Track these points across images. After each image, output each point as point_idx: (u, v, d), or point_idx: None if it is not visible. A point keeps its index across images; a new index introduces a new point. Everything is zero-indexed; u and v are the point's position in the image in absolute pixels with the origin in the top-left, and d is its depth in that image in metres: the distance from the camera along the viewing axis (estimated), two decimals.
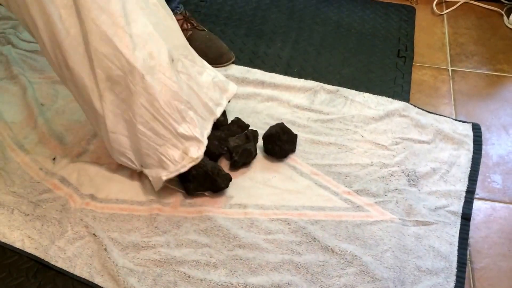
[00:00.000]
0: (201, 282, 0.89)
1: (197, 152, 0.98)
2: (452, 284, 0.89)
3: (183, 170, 0.98)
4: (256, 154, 1.12)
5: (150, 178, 1.01)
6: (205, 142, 1.01)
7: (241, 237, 0.96)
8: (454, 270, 0.90)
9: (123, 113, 0.96)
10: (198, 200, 1.03)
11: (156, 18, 0.98)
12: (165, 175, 0.98)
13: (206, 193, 1.04)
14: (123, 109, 0.96)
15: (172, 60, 0.99)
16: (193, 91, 1.04)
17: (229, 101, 1.15)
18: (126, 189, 1.06)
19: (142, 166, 1.02)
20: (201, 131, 1.01)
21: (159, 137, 0.97)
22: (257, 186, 1.06)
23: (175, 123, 0.97)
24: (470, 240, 0.98)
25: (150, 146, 0.98)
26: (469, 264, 0.94)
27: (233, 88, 1.17)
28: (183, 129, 0.98)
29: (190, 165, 0.98)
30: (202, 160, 1.00)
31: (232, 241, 0.95)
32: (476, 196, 1.05)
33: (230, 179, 1.03)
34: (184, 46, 1.08)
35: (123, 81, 0.93)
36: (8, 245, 0.96)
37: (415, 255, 0.93)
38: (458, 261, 0.92)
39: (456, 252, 0.93)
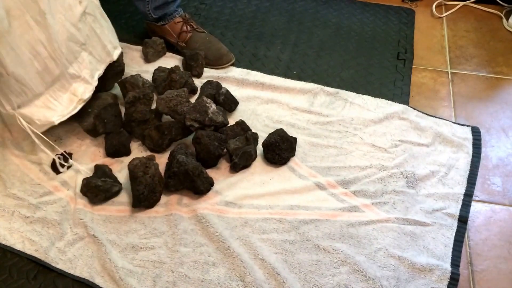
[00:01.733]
0: (200, 282, 0.90)
1: (84, 92, 1.04)
2: (446, 282, 0.89)
3: (74, 112, 1.04)
4: (256, 156, 1.12)
5: (25, 120, 1.01)
6: (94, 83, 1.07)
7: (235, 237, 0.96)
8: (448, 271, 0.91)
9: (16, 49, 0.94)
10: (193, 201, 1.03)
11: None
12: (57, 119, 1.02)
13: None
14: (18, 45, 0.94)
15: (80, 2, 1.01)
16: (95, 33, 1.07)
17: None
18: (124, 191, 1.06)
19: (19, 106, 1.00)
20: (91, 72, 1.06)
21: (50, 76, 0.99)
22: (254, 187, 1.06)
23: (67, 62, 1.01)
24: (470, 243, 0.98)
25: (41, 85, 0.99)
26: (469, 267, 0.94)
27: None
28: (73, 68, 1.02)
29: (80, 106, 1.04)
30: (185, 159, 1.01)
31: (227, 240, 0.95)
32: (476, 198, 1.05)
33: (211, 184, 1.04)
34: None
35: (23, 16, 0.93)
36: (9, 247, 0.96)
37: (410, 254, 0.93)
38: (452, 263, 0.92)
39: (450, 254, 0.94)
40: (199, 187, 1.02)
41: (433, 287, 0.88)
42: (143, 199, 1.00)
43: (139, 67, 1.36)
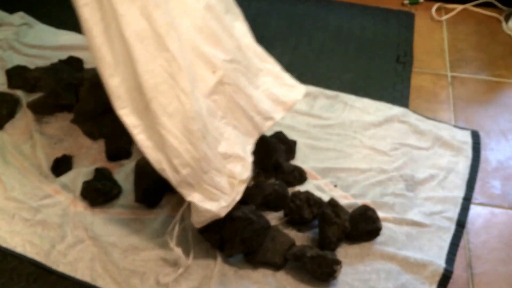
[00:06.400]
0: (204, 275, 0.91)
1: (243, 172, 0.87)
2: (438, 278, 0.89)
3: (238, 197, 0.87)
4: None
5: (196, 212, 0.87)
6: (249, 159, 0.90)
7: None
8: (442, 267, 0.90)
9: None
10: None
11: (204, 21, 0.85)
12: (224, 211, 0.85)
13: None
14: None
15: (214, 72, 0.86)
16: (237, 105, 0.90)
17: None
18: (124, 193, 1.06)
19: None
20: (242, 146, 0.90)
21: (205, 161, 0.82)
22: None
23: (216, 141, 0.85)
24: (470, 246, 0.98)
25: (196, 174, 0.82)
26: (469, 269, 0.94)
27: (294, 96, 1.03)
28: (222, 147, 0.86)
29: (242, 188, 0.87)
30: None
31: None
32: (475, 201, 1.06)
33: None
34: (239, 48, 0.93)
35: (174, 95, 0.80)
36: (9, 250, 0.96)
37: (403, 251, 0.93)
38: (446, 262, 0.91)
39: (444, 256, 0.93)
40: None
41: (424, 281, 0.89)
42: (148, 195, 1.01)
43: None
